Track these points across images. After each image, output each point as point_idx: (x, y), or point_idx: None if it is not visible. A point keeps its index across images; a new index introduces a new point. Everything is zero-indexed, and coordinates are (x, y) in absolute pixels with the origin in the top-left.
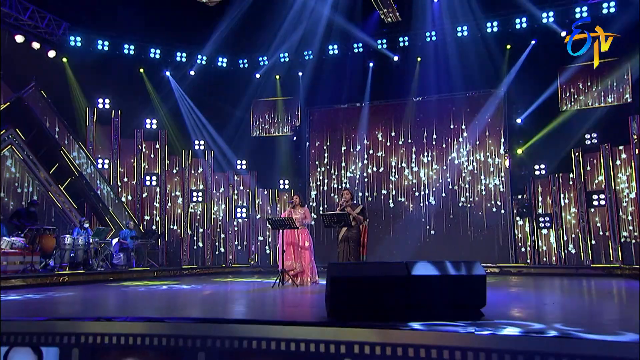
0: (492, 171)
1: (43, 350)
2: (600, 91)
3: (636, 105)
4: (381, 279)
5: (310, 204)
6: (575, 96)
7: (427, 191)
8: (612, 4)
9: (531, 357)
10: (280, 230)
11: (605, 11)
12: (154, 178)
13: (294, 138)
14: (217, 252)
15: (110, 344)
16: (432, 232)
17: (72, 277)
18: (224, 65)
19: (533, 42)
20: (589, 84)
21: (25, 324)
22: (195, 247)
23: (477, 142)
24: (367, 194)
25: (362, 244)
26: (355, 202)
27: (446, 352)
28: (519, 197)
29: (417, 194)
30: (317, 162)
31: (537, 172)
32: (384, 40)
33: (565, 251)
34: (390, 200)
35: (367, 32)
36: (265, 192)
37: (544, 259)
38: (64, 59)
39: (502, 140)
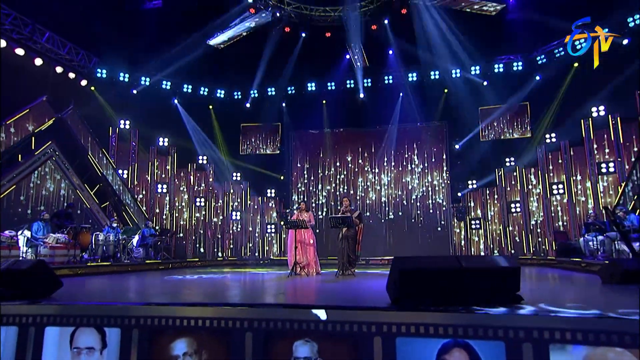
0: (435, 185)
1: (106, 331)
2: (509, 126)
3: (537, 138)
4: (439, 270)
5: (294, 210)
6: (489, 129)
7: (387, 207)
8: (541, 58)
9: (574, 333)
10: (293, 230)
11: (516, 68)
12: (165, 186)
13: (280, 156)
14: (215, 248)
15: (166, 325)
16: (391, 239)
17: (108, 267)
18: (222, 96)
19: (463, 87)
20: (505, 120)
21: (89, 307)
22: (197, 244)
23: (426, 164)
24: (339, 207)
25: (357, 242)
26: (352, 208)
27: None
28: (457, 205)
29: (381, 208)
30: (299, 177)
31: (470, 186)
32: (352, 81)
33: (491, 245)
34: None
35: (340, 73)
36: (256, 199)
37: (475, 251)
38: (92, 87)
39: (444, 161)
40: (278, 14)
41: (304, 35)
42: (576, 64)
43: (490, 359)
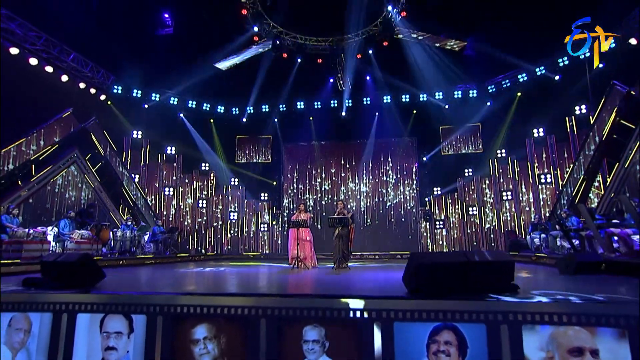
0: (407, 192)
1: (133, 317)
2: (466, 143)
3: (487, 154)
4: (451, 263)
5: (285, 211)
6: (450, 145)
7: (365, 215)
8: (492, 88)
9: (541, 315)
10: (294, 229)
11: (471, 94)
12: (171, 189)
13: (271, 164)
14: (215, 244)
15: (188, 312)
16: (370, 240)
17: (127, 260)
18: (221, 111)
19: (429, 109)
20: (462, 138)
21: (117, 296)
22: (200, 240)
23: (398, 175)
24: (324, 213)
25: (350, 239)
26: (346, 209)
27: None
28: (424, 209)
29: (362, 211)
30: (290, 183)
31: (435, 193)
32: (335, 101)
33: (452, 242)
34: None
35: (325, 94)
36: (251, 202)
37: (439, 249)
38: (109, 102)
39: (414, 171)
40: (278, 42)
41: (299, 60)
42: (519, 94)
43: (473, 338)
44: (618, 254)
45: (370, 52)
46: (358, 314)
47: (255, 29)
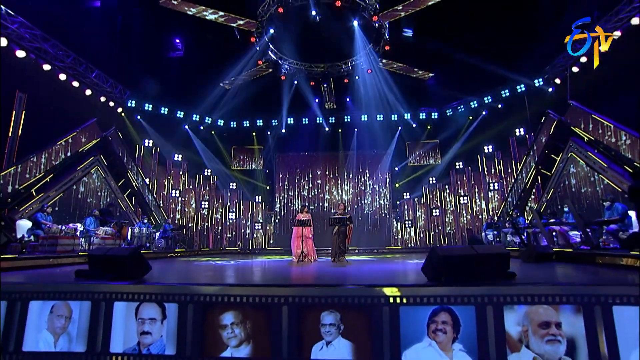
0: (381, 196)
1: (165, 306)
2: (427, 156)
3: (444, 166)
4: (464, 256)
5: (277, 212)
6: (416, 157)
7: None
8: (449, 111)
9: (518, 297)
10: (298, 227)
11: (433, 116)
12: (178, 192)
13: (267, 171)
14: (216, 240)
15: (216, 301)
16: (353, 238)
17: (148, 255)
18: (221, 124)
19: (399, 126)
20: (424, 151)
21: (150, 287)
22: (202, 237)
23: (375, 180)
24: (337, 210)
25: (347, 237)
26: (345, 211)
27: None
28: (395, 210)
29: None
30: (281, 187)
31: (405, 197)
32: (321, 118)
33: (419, 239)
34: (327, 215)
35: (312, 112)
36: (247, 203)
37: (408, 245)
38: (122, 114)
39: (388, 179)
40: (279, 65)
41: (295, 82)
42: (470, 117)
43: (465, 318)
44: (557, 246)
45: (357, 77)
46: (369, 300)
47: (262, 54)
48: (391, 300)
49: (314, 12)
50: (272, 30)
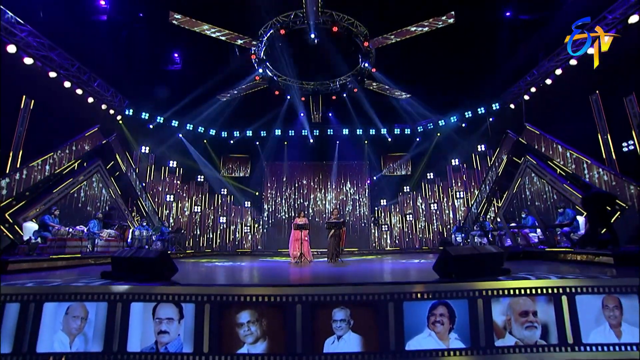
0: (361, 202)
1: (183, 306)
2: (399, 167)
3: (416, 176)
4: (469, 255)
5: (265, 219)
6: (391, 169)
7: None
8: (420, 128)
9: (502, 290)
10: (296, 230)
11: (405, 132)
12: (172, 197)
13: (251, 178)
14: (207, 242)
15: (233, 301)
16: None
17: None
18: (213, 134)
19: (377, 140)
20: (397, 163)
21: (167, 288)
22: (195, 239)
23: (355, 188)
24: (330, 215)
25: (342, 239)
26: (339, 215)
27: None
28: (373, 216)
29: (324, 216)
30: (269, 194)
31: (382, 203)
32: (307, 130)
33: (395, 242)
34: (312, 219)
35: (298, 124)
36: (237, 208)
37: (385, 247)
38: (120, 122)
39: (366, 187)
40: (274, 82)
41: (288, 97)
42: (439, 134)
43: (459, 310)
44: (520, 246)
45: (345, 95)
46: (376, 297)
47: (260, 70)
48: (395, 296)
49: (312, 35)
50: (270, 50)
